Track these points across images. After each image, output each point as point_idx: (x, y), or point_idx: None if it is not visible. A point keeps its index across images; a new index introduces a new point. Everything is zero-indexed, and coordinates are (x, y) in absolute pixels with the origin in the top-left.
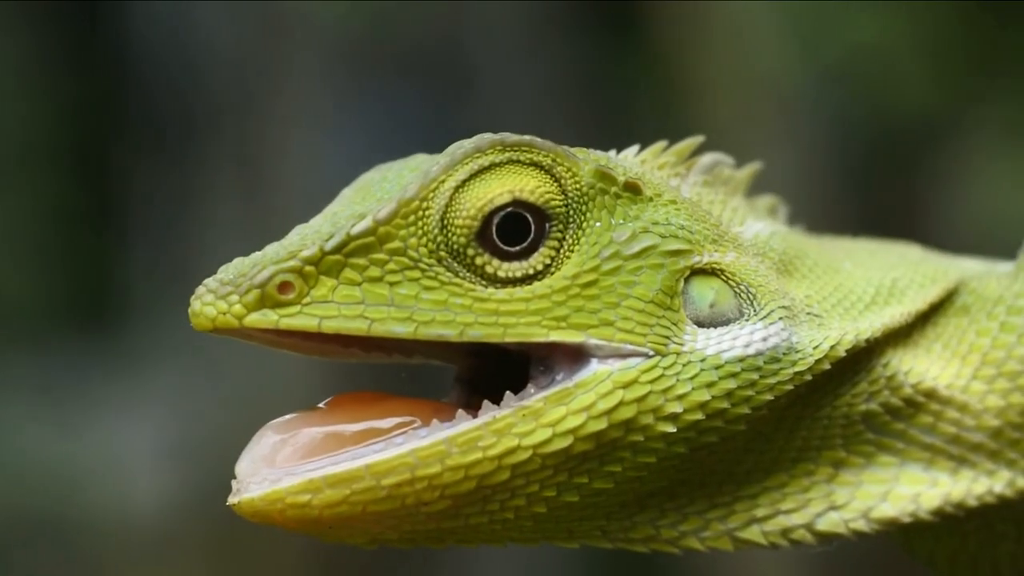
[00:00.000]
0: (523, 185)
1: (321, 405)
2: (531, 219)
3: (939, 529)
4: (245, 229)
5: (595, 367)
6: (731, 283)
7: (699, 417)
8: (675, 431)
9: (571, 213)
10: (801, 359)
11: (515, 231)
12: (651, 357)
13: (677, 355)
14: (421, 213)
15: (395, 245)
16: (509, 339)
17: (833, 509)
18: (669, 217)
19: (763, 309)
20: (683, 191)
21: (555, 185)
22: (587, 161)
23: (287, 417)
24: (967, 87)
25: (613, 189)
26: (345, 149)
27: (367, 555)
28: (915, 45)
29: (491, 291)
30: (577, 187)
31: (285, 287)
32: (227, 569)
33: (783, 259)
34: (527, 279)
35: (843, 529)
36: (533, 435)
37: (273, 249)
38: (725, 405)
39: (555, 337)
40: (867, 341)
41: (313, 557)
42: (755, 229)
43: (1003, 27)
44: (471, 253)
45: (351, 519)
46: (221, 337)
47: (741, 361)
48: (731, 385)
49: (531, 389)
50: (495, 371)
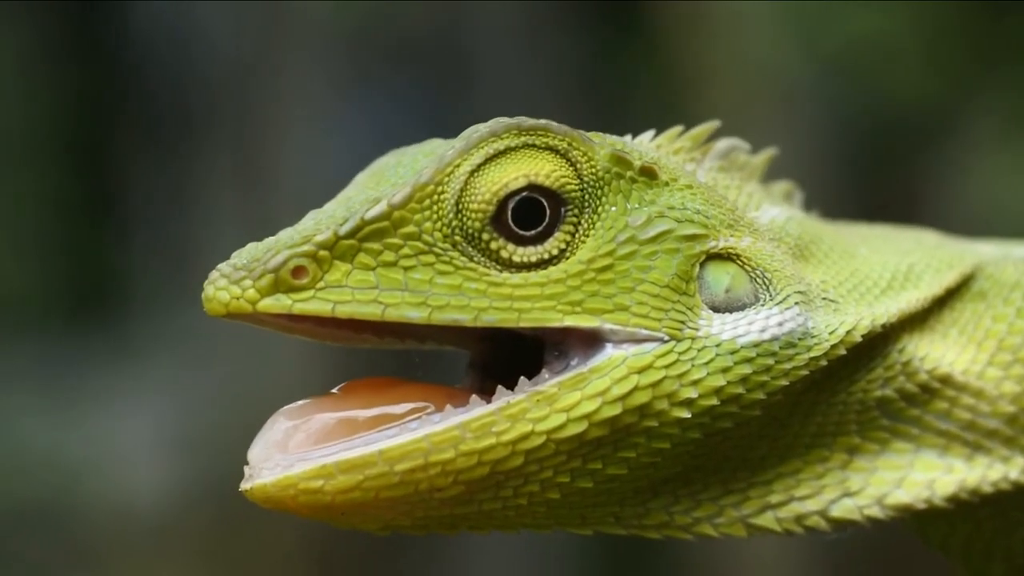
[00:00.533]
0: (538, 169)
1: (334, 391)
2: (546, 203)
3: (953, 516)
4: (244, 221)
5: (610, 352)
6: (747, 268)
7: (714, 402)
8: (690, 416)
9: (586, 197)
10: (816, 344)
11: (530, 216)
12: (666, 342)
13: (692, 340)
14: (436, 198)
15: (409, 230)
16: (524, 324)
17: (847, 495)
18: (685, 202)
19: (779, 294)
20: (699, 176)
21: (571, 169)
22: (603, 145)
23: (300, 403)
24: (967, 78)
25: (629, 174)
26: (344, 141)
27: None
28: (915, 36)
29: (506, 276)
30: (593, 171)
31: (299, 272)
32: (226, 559)
33: (799, 244)
34: (542, 264)
35: (857, 516)
36: (547, 420)
37: (287, 234)
38: (740, 390)
39: (570, 322)
40: (883, 326)
41: (310, 547)
42: (771, 214)
43: (1002, 18)
44: (486, 238)
45: (364, 505)
46: (219, 326)
47: (756, 346)
48: (746, 370)
49: (545, 374)
50: (509, 356)
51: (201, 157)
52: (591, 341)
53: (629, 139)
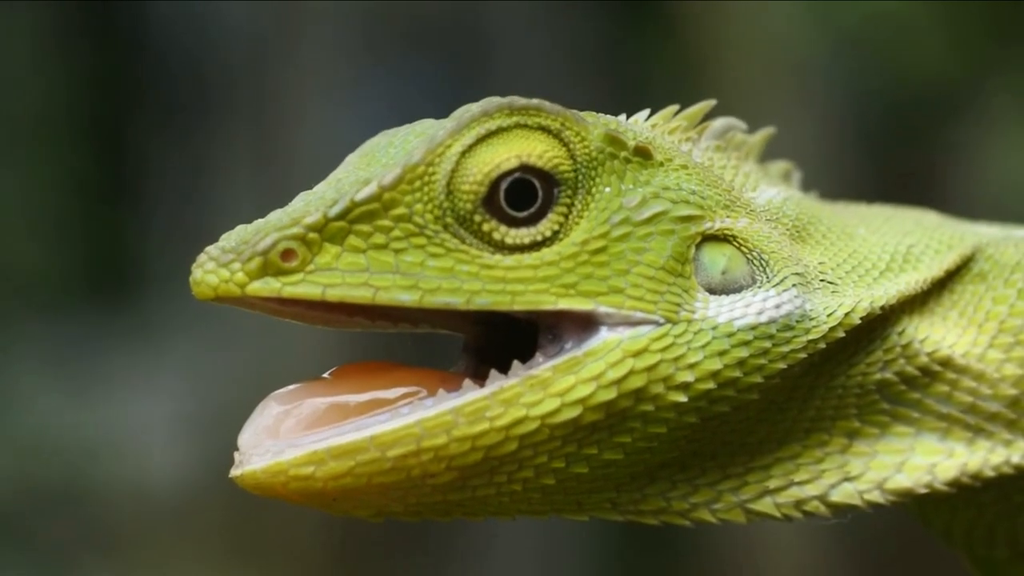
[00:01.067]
0: (531, 150)
1: (326, 375)
2: (539, 185)
3: (955, 500)
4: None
5: (605, 335)
6: (743, 249)
7: (710, 386)
8: (686, 400)
9: (580, 178)
10: (815, 327)
11: (523, 197)
12: (662, 325)
13: (688, 323)
14: (427, 179)
15: (400, 211)
16: (517, 307)
17: (847, 480)
18: (680, 182)
19: (776, 276)
20: (695, 156)
21: (564, 150)
22: (596, 125)
23: (291, 387)
24: (985, 55)
25: (623, 154)
26: (360, 120)
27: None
28: (932, 13)
29: (498, 258)
30: (586, 152)
31: (288, 254)
32: (242, 540)
33: (796, 225)
34: (535, 246)
35: (857, 500)
36: (541, 405)
37: (276, 216)
38: (737, 374)
39: (564, 305)
40: (882, 308)
41: (329, 530)
42: (768, 195)
43: None
44: (478, 219)
45: (356, 491)
46: (238, 308)
47: (753, 329)
48: (743, 353)
49: (539, 358)
50: (503, 340)
51: (217, 138)
52: (585, 324)
53: (624, 119)
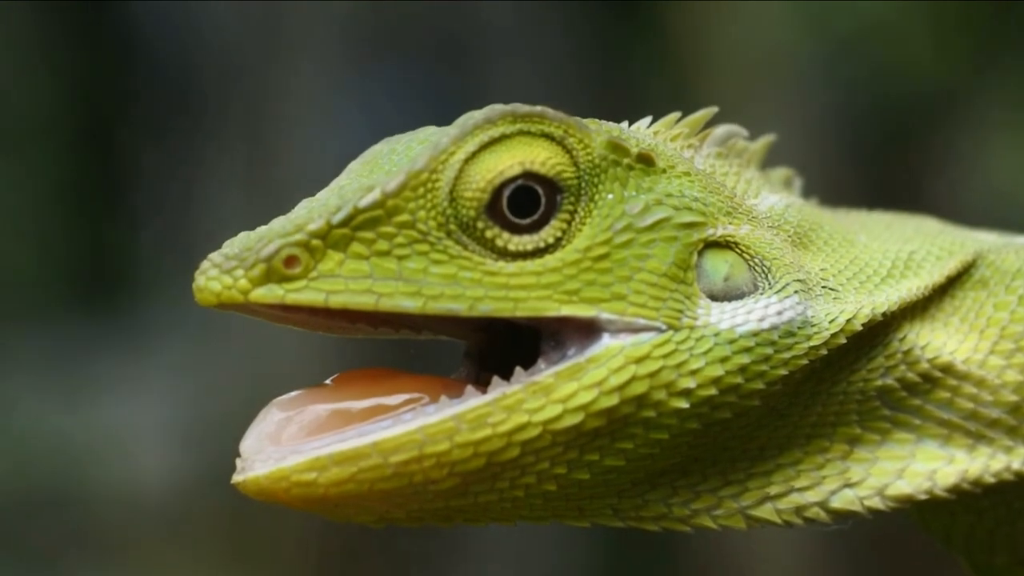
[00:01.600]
0: (534, 156)
1: (328, 382)
2: (542, 191)
3: (955, 507)
4: (252, 207)
5: (607, 342)
6: (745, 256)
7: (712, 392)
8: (688, 407)
9: (583, 185)
10: (816, 333)
11: (526, 204)
12: (664, 331)
13: (690, 329)
14: (430, 185)
15: (404, 218)
16: (519, 314)
17: (848, 486)
18: (683, 189)
19: (778, 283)
20: (697, 163)
21: (567, 157)
22: (599, 132)
23: (293, 394)
24: (977, 61)
25: (626, 161)
26: (352, 127)
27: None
28: (925, 19)
29: (501, 265)
30: (589, 158)
31: (291, 261)
32: (235, 546)
33: (798, 232)
34: (538, 252)
35: (858, 507)
36: (543, 411)
37: (279, 223)
38: (739, 380)
39: (566, 311)
40: (884, 315)
41: (322, 535)
42: (770, 201)
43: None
44: (481, 226)
45: (358, 497)
46: (228, 313)
47: (755, 335)
48: (745, 360)
49: (542, 364)
50: (506, 346)
51: (209, 144)
52: (588, 331)
53: (626, 126)
